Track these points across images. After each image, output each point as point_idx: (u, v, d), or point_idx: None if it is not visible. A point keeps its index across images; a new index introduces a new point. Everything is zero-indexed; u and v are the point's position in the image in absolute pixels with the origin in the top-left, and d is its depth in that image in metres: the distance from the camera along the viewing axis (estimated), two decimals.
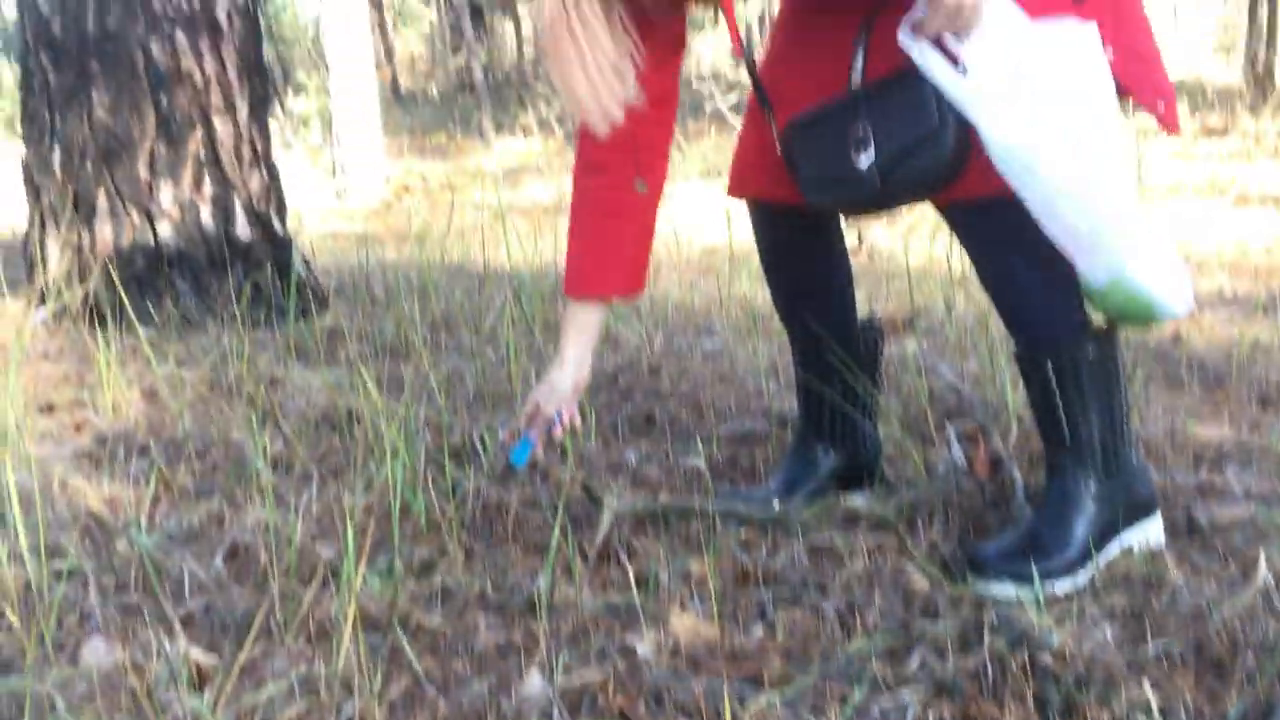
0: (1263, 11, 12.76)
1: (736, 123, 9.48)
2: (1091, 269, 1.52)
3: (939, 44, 1.49)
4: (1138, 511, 1.66)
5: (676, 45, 1.76)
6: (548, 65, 1.59)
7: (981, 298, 2.71)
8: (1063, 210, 1.47)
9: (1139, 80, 1.56)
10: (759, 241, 1.92)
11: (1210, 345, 2.83)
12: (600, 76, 1.55)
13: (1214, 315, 3.21)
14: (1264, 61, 12.19)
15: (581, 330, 1.86)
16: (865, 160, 1.55)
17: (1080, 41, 1.48)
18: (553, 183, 8.36)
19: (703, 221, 5.95)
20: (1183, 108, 9.95)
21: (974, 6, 1.44)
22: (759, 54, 1.82)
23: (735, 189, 1.88)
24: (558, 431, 1.89)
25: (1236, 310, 3.30)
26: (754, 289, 3.79)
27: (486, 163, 12.17)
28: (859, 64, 1.60)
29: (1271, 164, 7.29)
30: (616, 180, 1.76)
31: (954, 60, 1.48)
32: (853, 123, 1.57)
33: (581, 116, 1.62)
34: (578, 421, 1.92)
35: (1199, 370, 2.54)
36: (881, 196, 1.57)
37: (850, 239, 1.99)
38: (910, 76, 1.51)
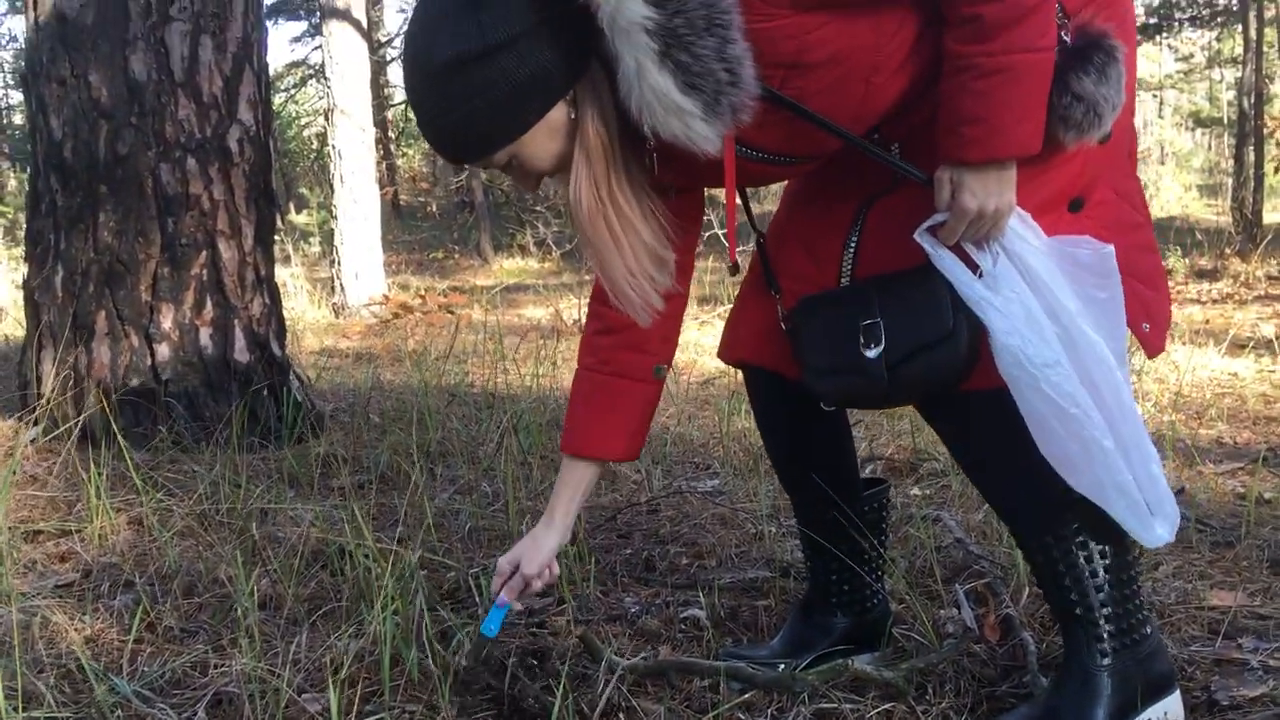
0: (1249, 155, 13.06)
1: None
2: (1074, 484, 1.48)
3: (956, 248, 1.49)
4: (1156, 689, 1.60)
5: (695, 217, 1.76)
6: (589, 257, 1.56)
7: None
8: (1057, 430, 1.44)
9: (1127, 297, 1.51)
10: (754, 402, 1.89)
11: (1216, 501, 2.79)
12: (639, 266, 1.52)
13: (1216, 468, 3.18)
14: (1251, 205, 12.43)
15: (575, 489, 1.80)
16: (874, 352, 1.53)
17: (1100, 263, 1.47)
18: (550, 304, 8.40)
19: (700, 351, 5.96)
20: (1174, 249, 10.11)
21: (995, 216, 1.44)
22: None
23: (730, 354, 1.85)
24: (535, 585, 1.80)
25: (1239, 462, 3.28)
26: (754, 425, 3.76)
27: (484, 281, 12.27)
28: (852, 248, 1.61)
29: (1264, 308, 7.36)
30: (628, 340, 1.74)
31: (972, 266, 1.47)
32: (864, 313, 1.55)
33: (624, 308, 1.58)
34: (555, 572, 1.82)
35: (1208, 529, 2.50)
36: (888, 390, 1.54)
37: None
38: (923, 273, 1.49)
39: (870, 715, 1.69)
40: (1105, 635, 1.58)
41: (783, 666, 1.81)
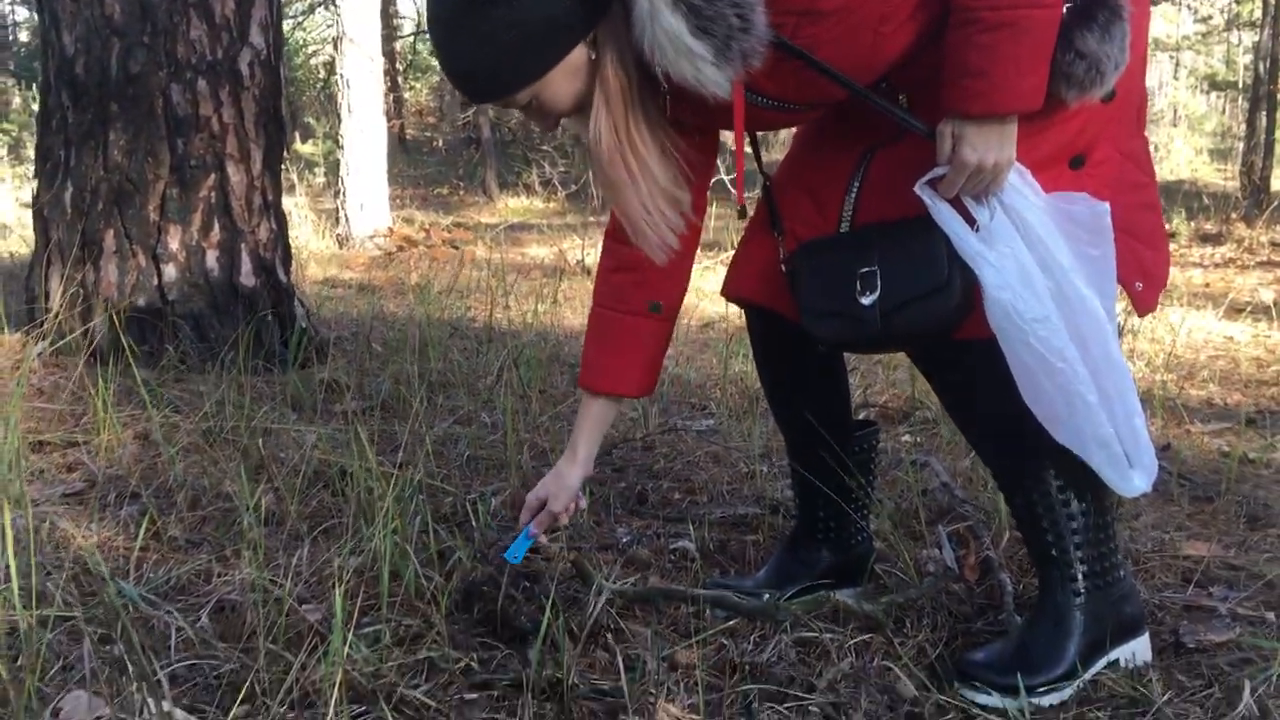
0: (1261, 120, 12.98)
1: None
2: (1055, 435, 1.53)
3: (955, 201, 1.52)
4: (1126, 630, 1.66)
5: (708, 161, 1.79)
6: (607, 197, 1.61)
7: None
8: (1043, 383, 1.48)
9: (1123, 255, 1.55)
10: (753, 339, 1.93)
11: (1200, 458, 2.85)
12: (654, 205, 1.57)
13: (1204, 427, 3.23)
14: (1260, 170, 12.38)
15: (596, 424, 1.87)
16: (869, 299, 1.57)
17: (1094, 220, 1.51)
18: (554, 244, 8.41)
19: (701, 295, 5.99)
20: (1179, 212, 10.09)
21: (995, 170, 1.47)
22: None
23: (732, 291, 1.88)
24: (562, 519, 1.90)
25: (1227, 423, 3.33)
26: (750, 368, 3.81)
27: (489, 219, 12.26)
28: (853, 195, 1.64)
29: (1265, 274, 7.38)
30: (641, 278, 1.79)
31: (970, 220, 1.51)
32: (862, 260, 1.59)
33: (641, 246, 1.63)
34: (583, 505, 1.94)
35: (1189, 484, 2.56)
36: (880, 336, 1.58)
37: None
38: (922, 224, 1.53)
39: (849, 645, 1.75)
40: (1079, 575, 1.63)
41: (767, 596, 1.87)
